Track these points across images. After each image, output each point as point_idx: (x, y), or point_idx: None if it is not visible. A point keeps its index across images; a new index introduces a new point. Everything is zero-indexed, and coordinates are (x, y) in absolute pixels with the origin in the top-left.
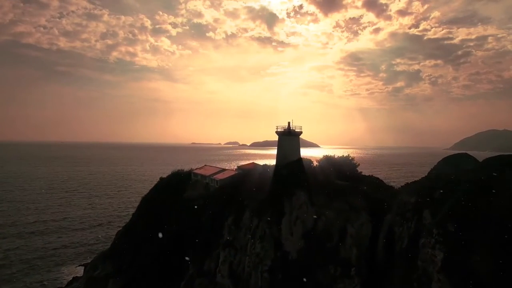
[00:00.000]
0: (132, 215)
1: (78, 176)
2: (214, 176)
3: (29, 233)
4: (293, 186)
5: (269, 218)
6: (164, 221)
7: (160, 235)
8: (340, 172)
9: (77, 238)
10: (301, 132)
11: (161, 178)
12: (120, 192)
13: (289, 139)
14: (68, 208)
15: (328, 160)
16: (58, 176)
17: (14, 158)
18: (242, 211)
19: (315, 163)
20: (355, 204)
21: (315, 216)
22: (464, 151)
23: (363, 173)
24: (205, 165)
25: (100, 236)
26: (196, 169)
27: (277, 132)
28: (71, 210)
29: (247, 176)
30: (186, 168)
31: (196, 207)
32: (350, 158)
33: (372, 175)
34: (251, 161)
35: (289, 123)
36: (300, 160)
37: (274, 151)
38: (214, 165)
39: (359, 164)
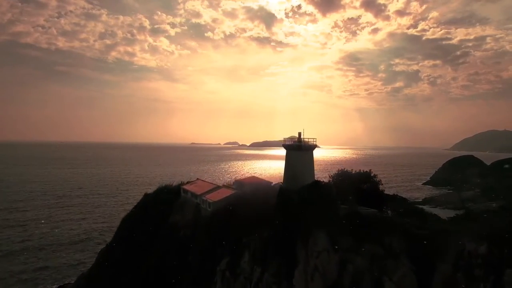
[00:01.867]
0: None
1: (73, 179)
2: (206, 196)
3: (11, 251)
4: (309, 222)
5: (276, 269)
6: (145, 252)
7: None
8: (359, 192)
9: (63, 255)
10: (315, 146)
11: (146, 194)
12: (115, 198)
13: (300, 155)
14: (59, 217)
15: (344, 176)
16: (52, 179)
17: (10, 159)
18: (240, 251)
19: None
20: (393, 246)
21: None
22: (464, 152)
23: (385, 191)
24: (198, 179)
25: (86, 252)
26: (187, 183)
27: (284, 146)
28: (62, 220)
29: (247, 199)
30: (183, 170)
31: (182, 237)
32: (372, 174)
33: (396, 195)
34: (251, 174)
35: (299, 133)
36: (315, 183)
37: (273, 152)
38: (215, 165)
39: (381, 182)
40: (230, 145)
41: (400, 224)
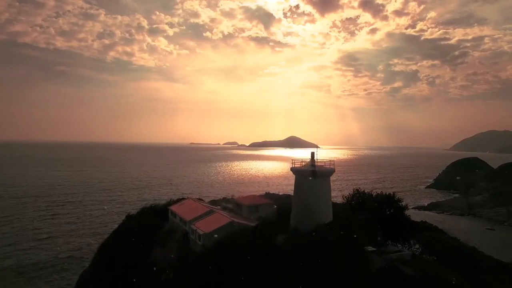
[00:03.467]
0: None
1: (69, 182)
2: (196, 225)
3: None
4: (331, 284)
5: None
6: None
7: None
8: (380, 218)
9: (43, 277)
10: (333, 170)
11: (128, 217)
12: (109, 205)
13: (314, 183)
14: (48, 229)
15: (362, 199)
16: (47, 182)
17: (6, 160)
18: None
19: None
20: None
21: None
22: (464, 152)
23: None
24: (188, 197)
25: (69, 274)
26: (176, 203)
27: (293, 170)
28: (50, 232)
29: (246, 231)
30: (181, 172)
31: (165, 281)
32: (396, 197)
33: (425, 221)
34: (252, 193)
35: (312, 154)
36: (334, 222)
37: (272, 152)
38: (214, 165)
39: (407, 207)
40: (230, 145)
41: (450, 279)
